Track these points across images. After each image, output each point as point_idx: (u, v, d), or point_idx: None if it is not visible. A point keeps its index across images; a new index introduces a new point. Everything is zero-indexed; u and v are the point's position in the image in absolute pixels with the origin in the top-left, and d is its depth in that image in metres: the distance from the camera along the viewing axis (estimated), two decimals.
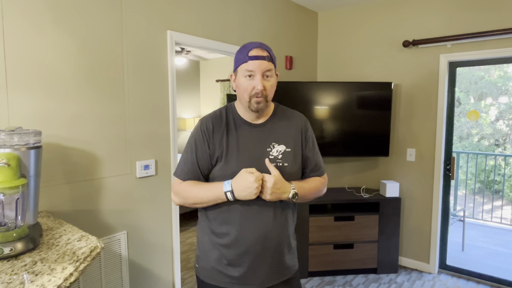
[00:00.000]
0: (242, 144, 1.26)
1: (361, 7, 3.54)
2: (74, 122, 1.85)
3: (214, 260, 1.29)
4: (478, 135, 6.98)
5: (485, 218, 4.97)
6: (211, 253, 1.30)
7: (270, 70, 1.21)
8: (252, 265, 1.26)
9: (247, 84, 1.20)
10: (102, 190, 1.99)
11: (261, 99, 1.20)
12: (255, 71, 1.19)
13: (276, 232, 1.28)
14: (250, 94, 1.20)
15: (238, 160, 1.23)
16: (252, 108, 1.22)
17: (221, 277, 1.28)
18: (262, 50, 1.21)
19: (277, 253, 1.30)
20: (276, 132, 1.30)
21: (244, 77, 1.21)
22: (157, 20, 2.22)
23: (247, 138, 1.27)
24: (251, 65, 1.19)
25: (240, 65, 1.22)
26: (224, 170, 1.24)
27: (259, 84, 1.18)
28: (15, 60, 1.62)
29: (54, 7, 1.74)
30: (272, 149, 1.27)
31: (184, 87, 6.15)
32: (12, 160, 1.18)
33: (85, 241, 1.27)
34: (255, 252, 1.25)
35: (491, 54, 2.87)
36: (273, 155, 1.26)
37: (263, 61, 1.19)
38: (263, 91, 1.20)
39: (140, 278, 2.22)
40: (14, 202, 1.16)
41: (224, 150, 1.24)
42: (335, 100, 3.26)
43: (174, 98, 2.35)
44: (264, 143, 1.27)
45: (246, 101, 1.22)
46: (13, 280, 0.99)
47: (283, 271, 1.33)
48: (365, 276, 3.22)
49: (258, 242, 1.25)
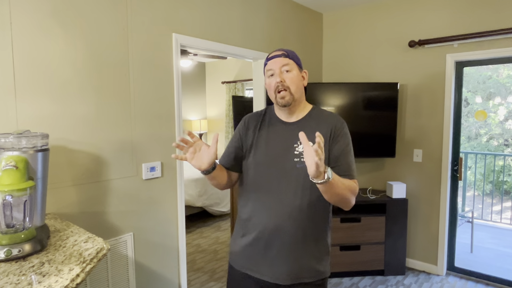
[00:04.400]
0: (272, 139, 1.35)
1: (366, 7, 3.52)
2: (81, 125, 1.87)
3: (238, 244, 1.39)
4: (486, 135, 6.89)
5: (495, 219, 4.90)
6: (238, 238, 1.40)
7: (287, 64, 1.31)
8: (266, 253, 1.30)
9: (270, 82, 1.32)
10: (109, 192, 2.01)
11: (284, 92, 1.29)
12: (274, 69, 1.31)
13: (294, 229, 1.28)
14: (274, 90, 1.31)
15: (264, 154, 1.34)
16: (279, 103, 1.32)
17: (244, 262, 1.36)
18: (279, 51, 1.34)
19: (295, 252, 1.29)
20: (307, 130, 1.31)
21: (268, 78, 1.34)
22: (162, 23, 2.24)
23: (277, 134, 1.36)
24: (269, 65, 1.33)
25: (264, 70, 1.37)
26: (251, 162, 1.36)
27: (277, 77, 1.29)
28: (23, 65, 1.64)
29: (61, 12, 1.76)
30: (298, 145, 1.31)
31: (190, 89, 6.18)
32: (20, 162, 1.20)
33: (91, 243, 1.29)
34: (268, 241, 1.29)
35: (499, 53, 2.83)
36: (298, 151, 1.30)
37: (279, 58, 1.31)
38: (283, 83, 1.29)
39: (147, 280, 2.23)
40: (22, 204, 1.18)
41: (254, 143, 1.37)
42: (340, 101, 3.25)
43: (179, 100, 2.36)
44: (292, 139, 1.32)
45: (273, 98, 1.33)
46: (21, 281, 1.00)
47: (303, 274, 1.30)
48: (372, 278, 3.20)
49: (271, 232, 1.29)
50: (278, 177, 1.30)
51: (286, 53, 1.32)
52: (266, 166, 1.32)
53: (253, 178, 1.35)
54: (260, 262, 1.32)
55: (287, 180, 1.29)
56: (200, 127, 6.15)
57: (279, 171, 1.30)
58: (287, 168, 1.29)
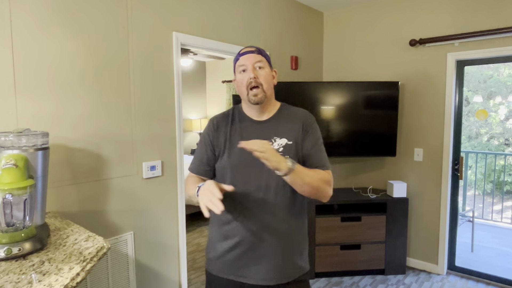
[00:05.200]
0: (245, 138, 1.30)
1: (367, 6, 3.51)
2: (81, 123, 1.87)
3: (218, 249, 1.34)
4: (487, 134, 6.88)
5: (495, 218, 4.90)
6: (217, 243, 1.35)
7: (260, 61, 1.29)
8: (251, 256, 1.28)
9: (242, 78, 1.29)
10: (109, 191, 2.01)
11: (257, 90, 1.27)
12: (246, 64, 1.28)
13: (279, 228, 1.28)
14: (246, 87, 1.28)
15: (239, 154, 1.29)
16: (251, 101, 1.28)
17: (225, 267, 1.32)
18: (251, 47, 1.32)
19: (281, 250, 1.29)
20: (279, 127, 1.33)
21: (239, 73, 1.30)
22: (162, 22, 2.23)
23: (250, 133, 1.33)
24: (242, 60, 1.30)
25: (235, 65, 1.33)
26: (225, 163, 1.31)
27: (251, 72, 1.27)
28: (23, 63, 1.64)
29: (61, 10, 1.76)
30: (273, 142, 1.30)
31: (190, 88, 6.17)
32: (20, 161, 1.19)
33: (92, 242, 1.28)
34: (253, 243, 1.27)
35: (500, 52, 2.83)
36: (274, 148, 1.26)
37: (252, 54, 1.29)
38: (257, 79, 1.26)
39: (147, 279, 2.23)
40: (22, 202, 1.18)
41: (227, 145, 1.32)
42: (341, 100, 3.24)
43: (180, 99, 2.36)
44: (266, 137, 1.31)
45: (245, 94, 1.29)
46: (21, 280, 1.00)
47: (288, 272, 1.31)
48: (372, 277, 3.19)
49: (256, 234, 1.27)
50: (257, 176, 1.27)
51: (258, 49, 1.31)
52: (242, 167, 1.29)
53: (230, 180, 1.30)
54: (245, 266, 1.29)
55: (266, 179, 1.27)
56: (200, 126, 6.15)
57: (257, 170, 1.26)
58: (265, 167, 1.22)
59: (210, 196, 1.08)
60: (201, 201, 1.11)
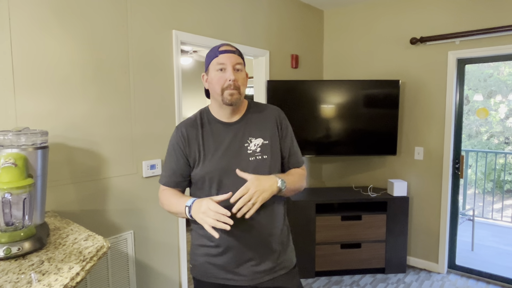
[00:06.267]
0: (219, 143, 1.28)
1: (367, 4, 3.50)
2: (81, 122, 1.86)
3: (202, 254, 1.31)
4: (487, 133, 6.88)
5: (495, 217, 4.90)
6: (201, 248, 1.32)
7: (240, 63, 1.26)
8: (241, 258, 1.27)
9: (219, 77, 1.23)
10: (109, 190, 2.00)
11: (234, 91, 1.23)
12: (226, 63, 1.23)
13: (262, 225, 1.28)
14: (222, 87, 1.23)
15: (215, 160, 1.26)
16: (226, 101, 1.24)
17: (211, 272, 1.30)
18: (230, 46, 1.28)
19: (267, 247, 1.29)
20: (252, 127, 1.31)
21: (216, 71, 1.24)
22: (162, 20, 2.22)
23: (223, 137, 1.29)
24: (222, 58, 1.23)
25: (212, 61, 1.26)
26: (202, 171, 1.27)
27: (231, 74, 1.22)
28: (22, 62, 1.63)
29: (60, 8, 1.74)
30: (249, 143, 1.28)
31: (190, 86, 6.16)
32: (19, 160, 1.19)
33: (91, 241, 1.28)
34: (237, 247, 1.26)
35: (501, 50, 2.82)
36: (251, 149, 1.28)
37: (233, 54, 1.25)
38: (236, 82, 1.23)
39: (147, 278, 2.23)
40: (21, 202, 1.17)
41: (202, 152, 1.28)
42: (341, 99, 3.24)
43: (180, 98, 2.35)
44: (241, 139, 1.29)
45: (219, 94, 1.24)
46: (20, 280, 0.99)
47: (279, 266, 1.32)
48: (372, 276, 3.19)
49: (239, 237, 1.25)
50: (236, 181, 1.22)
51: (238, 51, 1.28)
52: (220, 174, 1.25)
53: (209, 189, 1.27)
54: (230, 269, 1.28)
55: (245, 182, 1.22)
56: None
57: (236, 175, 1.21)
58: (244, 170, 1.22)
59: (214, 216, 1.06)
60: (204, 223, 1.08)
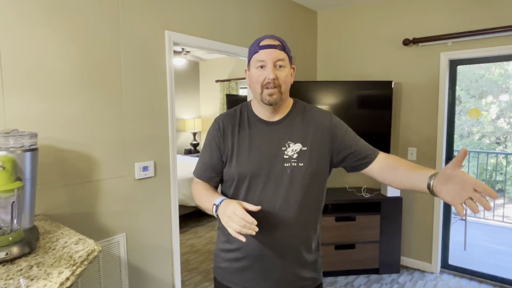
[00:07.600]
0: (254, 143, 1.20)
1: (361, 5, 3.51)
2: (71, 124, 1.83)
3: (225, 258, 1.28)
4: (479, 133, 6.95)
5: (487, 216, 4.95)
6: (225, 252, 1.28)
7: (282, 59, 1.15)
8: (259, 270, 1.21)
9: (259, 75, 1.15)
10: (100, 192, 1.97)
11: (274, 90, 1.13)
12: (266, 60, 1.14)
13: (291, 242, 1.20)
14: (261, 85, 1.14)
15: (248, 161, 1.19)
16: (265, 101, 1.15)
17: (232, 277, 1.26)
18: (274, 39, 1.17)
19: (296, 260, 1.22)
20: (293, 130, 1.21)
21: (256, 68, 1.16)
22: (154, 20, 2.20)
23: (260, 137, 1.21)
24: (261, 55, 1.14)
25: (252, 57, 1.18)
26: (233, 170, 1.20)
27: (270, 73, 1.13)
28: (10, 62, 1.60)
29: (49, 7, 1.72)
30: (287, 148, 1.19)
31: (183, 87, 6.13)
32: (7, 162, 1.16)
33: (82, 245, 1.25)
34: (262, 257, 1.19)
35: (492, 51, 2.84)
36: (288, 155, 1.18)
37: (274, 49, 1.14)
38: (275, 81, 1.13)
39: (140, 281, 2.20)
40: (9, 205, 1.14)
41: (235, 150, 1.20)
42: (335, 100, 3.24)
43: (172, 99, 2.33)
44: (279, 142, 1.19)
45: (258, 93, 1.16)
46: (8, 285, 0.97)
47: (296, 283, 1.23)
48: (367, 277, 3.20)
49: (265, 247, 1.18)
50: (267, 186, 1.17)
51: (282, 44, 1.17)
52: (251, 175, 1.18)
53: (238, 189, 1.21)
54: (251, 278, 1.23)
55: (277, 189, 1.17)
56: (193, 126, 6.11)
57: (267, 179, 1.17)
58: (277, 175, 1.17)
59: (239, 222, 0.99)
60: (229, 227, 1.01)
